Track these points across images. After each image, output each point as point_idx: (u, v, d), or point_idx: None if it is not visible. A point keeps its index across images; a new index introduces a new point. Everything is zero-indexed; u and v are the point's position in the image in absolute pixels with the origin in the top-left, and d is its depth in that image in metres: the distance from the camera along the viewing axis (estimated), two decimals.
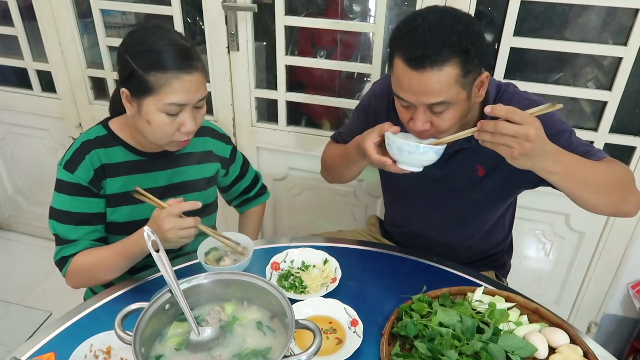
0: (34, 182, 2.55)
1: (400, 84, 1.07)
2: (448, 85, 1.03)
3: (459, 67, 1.03)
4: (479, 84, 1.11)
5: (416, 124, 1.10)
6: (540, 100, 1.18)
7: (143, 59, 1.11)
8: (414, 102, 1.07)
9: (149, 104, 1.12)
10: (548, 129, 1.13)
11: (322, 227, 1.99)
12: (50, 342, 1.05)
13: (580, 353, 0.99)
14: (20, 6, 2.08)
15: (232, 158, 1.45)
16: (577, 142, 1.16)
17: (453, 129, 1.13)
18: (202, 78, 1.16)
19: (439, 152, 1.11)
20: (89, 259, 1.20)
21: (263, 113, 2.08)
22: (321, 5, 1.95)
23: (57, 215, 1.23)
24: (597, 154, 1.14)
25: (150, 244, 0.87)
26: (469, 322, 1.01)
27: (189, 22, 1.99)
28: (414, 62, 1.02)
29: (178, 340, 0.90)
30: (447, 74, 1.02)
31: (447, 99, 1.05)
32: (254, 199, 1.58)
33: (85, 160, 1.21)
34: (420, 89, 1.04)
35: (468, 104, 1.11)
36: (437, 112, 1.08)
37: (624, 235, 1.80)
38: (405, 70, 1.04)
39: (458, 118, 1.11)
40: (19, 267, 2.53)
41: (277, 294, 0.90)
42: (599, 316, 2.00)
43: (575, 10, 1.61)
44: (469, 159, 1.27)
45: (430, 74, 1.02)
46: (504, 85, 1.24)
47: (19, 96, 2.30)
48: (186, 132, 1.17)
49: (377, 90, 1.39)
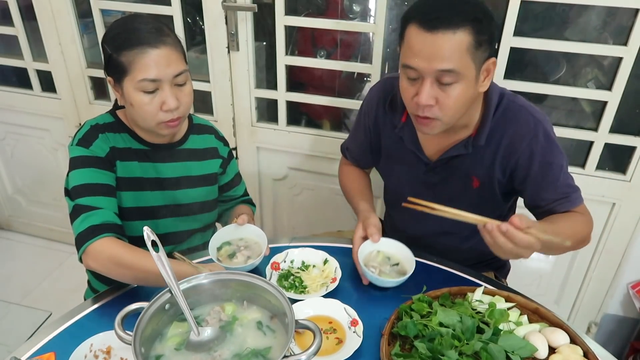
0: (34, 182, 2.55)
1: (412, 49, 1.07)
2: (460, 51, 1.04)
3: (472, 36, 1.04)
4: (487, 69, 1.12)
5: (421, 97, 1.09)
6: (540, 117, 1.20)
7: (115, 42, 1.15)
8: (424, 69, 1.06)
9: (127, 85, 1.16)
10: (544, 152, 1.19)
11: (322, 227, 1.99)
12: (50, 342, 1.05)
13: (580, 353, 0.99)
14: (20, 6, 2.08)
15: (228, 159, 1.47)
16: (563, 180, 1.22)
17: (456, 114, 1.13)
18: (174, 53, 1.17)
19: (397, 283, 1.16)
20: (125, 255, 1.10)
21: (263, 113, 2.08)
22: (321, 5, 1.95)
23: (76, 192, 1.16)
24: (574, 201, 1.23)
25: (149, 243, 0.87)
26: (469, 322, 1.01)
27: (189, 22, 1.99)
28: (428, 23, 1.03)
29: (178, 340, 0.90)
30: (459, 39, 1.03)
31: (457, 68, 1.05)
32: (242, 201, 1.58)
33: (100, 138, 1.23)
34: (432, 52, 1.04)
35: (474, 88, 1.11)
36: (445, 84, 1.07)
37: (624, 235, 1.80)
38: (418, 33, 1.05)
39: (463, 100, 1.10)
40: (19, 267, 2.53)
41: (277, 294, 0.90)
42: (599, 316, 2.00)
43: (575, 10, 1.61)
44: (465, 167, 1.28)
45: (444, 37, 1.03)
46: (508, 95, 1.23)
47: (19, 96, 2.30)
48: (168, 109, 1.17)
49: (369, 98, 1.40)
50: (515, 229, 0.98)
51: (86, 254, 1.11)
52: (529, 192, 1.25)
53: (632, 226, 1.77)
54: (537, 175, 1.21)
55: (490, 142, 1.22)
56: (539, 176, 1.21)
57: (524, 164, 1.21)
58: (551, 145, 1.19)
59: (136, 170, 1.27)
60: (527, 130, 1.18)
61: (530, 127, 1.18)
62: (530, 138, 1.18)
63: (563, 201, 1.22)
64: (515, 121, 1.19)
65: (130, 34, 1.14)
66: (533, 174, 1.21)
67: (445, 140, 1.26)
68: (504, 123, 1.20)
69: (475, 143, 1.22)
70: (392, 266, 1.22)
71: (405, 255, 1.23)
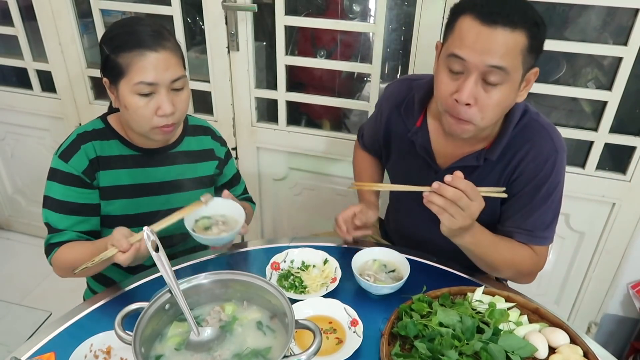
0: (34, 182, 2.55)
1: (464, 40, 1.03)
2: (514, 51, 1.02)
3: (527, 39, 1.02)
4: (528, 78, 1.10)
5: (462, 93, 1.04)
6: (559, 146, 1.18)
7: (113, 43, 1.14)
8: (473, 62, 1.02)
9: (123, 87, 1.14)
10: (543, 181, 1.17)
11: (322, 227, 1.99)
12: (50, 342, 1.05)
13: (580, 353, 0.99)
14: (20, 6, 2.08)
15: (226, 159, 1.45)
16: (539, 217, 1.21)
17: (492, 120, 1.10)
18: (173, 57, 1.15)
19: (392, 289, 1.16)
20: (70, 254, 1.20)
21: (263, 113, 2.08)
22: (321, 5, 1.95)
23: (49, 204, 1.23)
24: (534, 239, 1.22)
25: (149, 244, 0.87)
26: (469, 322, 1.01)
27: (189, 22, 2.00)
28: (488, 16, 1.00)
29: (178, 340, 0.90)
30: (516, 39, 1.01)
31: (508, 67, 1.02)
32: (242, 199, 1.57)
33: (80, 150, 1.22)
34: (486, 46, 1.01)
35: (515, 95, 1.09)
36: (490, 84, 1.04)
37: (624, 235, 1.80)
38: (474, 25, 1.02)
39: (503, 106, 1.08)
40: (19, 267, 2.53)
41: (277, 294, 0.90)
42: (599, 316, 2.00)
43: (575, 10, 1.61)
44: (472, 179, 1.24)
45: (502, 32, 1.00)
46: (532, 112, 1.20)
47: (19, 96, 2.30)
48: (163, 114, 1.15)
49: (386, 96, 1.39)
50: (445, 184, 1.01)
51: (52, 267, 1.24)
52: (505, 208, 1.24)
53: (632, 226, 1.77)
54: (521, 198, 1.20)
55: (503, 158, 1.19)
56: (522, 199, 1.20)
57: (521, 182, 1.19)
58: (553, 177, 1.17)
59: (123, 178, 1.26)
60: (542, 151, 1.16)
61: (545, 149, 1.15)
62: (540, 161, 1.16)
63: (524, 233, 1.21)
64: (533, 141, 1.16)
65: (129, 35, 1.13)
66: (521, 194, 1.20)
67: (460, 149, 1.24)
68: (521, 140, 1.17)
69: (488, 156, 1.20)
70: (387, 273, 1.22)
71: (401, 262, 1.22)
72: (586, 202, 1.78)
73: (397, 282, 1.15)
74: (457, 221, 1.04)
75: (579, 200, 1.77)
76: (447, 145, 1.25)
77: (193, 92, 2.03)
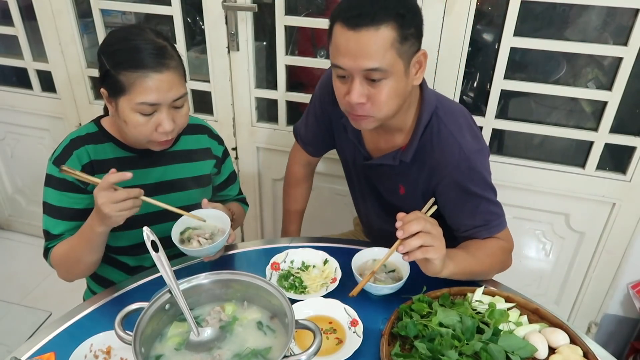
0: (34, 182, 2.55)
1: (338, 48, 1.07)
2: (384, 47, 1.03)
3: (395, 31, 1.03)
4: (417, 62, 1.11)
5: (352, 95, 1.08)
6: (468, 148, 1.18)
7: (115, 59, 1.11)
8: (351, 68, 1.06)
9: (123, 103, 1.12)
10: (464, 181, 1.19)
11: (322, 227, 1.99)
12: (50, 342, 1.05)
13: (580, 353, 0.99)
14: (20, 6, 2.08)
15: (223, 158, 1.44)
16: (484, 208, 1.23)
17: (391, 110, 1.12)
18: (176, 77, 1.14)
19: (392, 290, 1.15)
20: (62, 246, 1.20)
21: (263, 113, 2.08)
22: (321, 5, 1.95)
23: (46, 209, 1.23)
24: (493, 229, 1.23)
25: (149, 244, 0.87)
26: (469, 322, 1.01)
27: (189, 22, 1.99)
28: (351, 21, 1.03)
29: (178, 340, 0.90)
30: (383, 35, 1.02)
31: (383, 66, 1.04)
32: (236, 200, 1.57)
33: (73, 156, 1.21)
34: (357, 51, 1.04)
35: (406, 82, 1.10)
36: (374, 81, 1.07)
37: (624, 236, 1.80)
38: (343, 32, 1.04)
39: (395, 96, 1.10)
40: (19, 267, 2.53)
41: (277, 294, 0.90)
42: (599, 316, 2.00)
43: (575, 10, 1.61)
44: (393, 175, 1.30)
45: (367, 34, 1.02)
46: (441, 116, 1.21)
47: (19, 96, 2.30)
48: (164, 132, 1.15)
49: (318, 87, 1.43)
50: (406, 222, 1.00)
51: (55, 269, 1.25)
52: (448, 215, 1.26)
53: (632, 226, 1.77)
54: (457, 202, 1.22)
55: (416, 161, 1.23)
56: (458, 203, 1.22)
57: (443, 190, 1.22)
58: (473, 175, 1.19)
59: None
60: (451, 159, 1.18)
61: (454, 157, 1.18)
62: (452, 168, 1.18)
63: (481, 229, 1.23)
64: (440, 149, 1.19)
65: (132, 53, 1.10)
66: (452, 200, 1.22)
67: (382, 141, 1.28)
68: (430, 146, 1.21)
69: (403, 158, 1.24)
70: (387, 273, 1.22)
71: (401, 262, 1.21)
72: (586, 202, 1.78)
73: (397, 282, 1.15)
74: (440, 248, 1.02)
75: (579, 200, 1.77)
76: (372, 135, 1.30)
77: (193, 92, 2.04)
